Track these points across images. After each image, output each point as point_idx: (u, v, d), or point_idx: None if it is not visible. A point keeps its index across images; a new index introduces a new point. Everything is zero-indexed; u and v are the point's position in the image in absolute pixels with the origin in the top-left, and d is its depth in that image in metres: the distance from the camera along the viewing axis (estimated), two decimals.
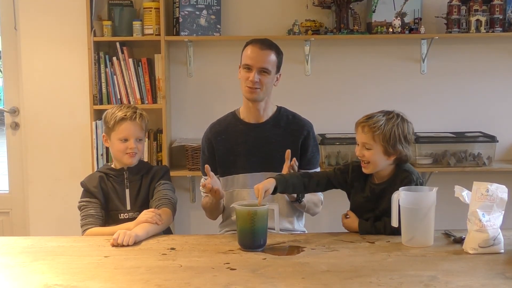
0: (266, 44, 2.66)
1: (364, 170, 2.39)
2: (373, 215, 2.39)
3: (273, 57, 2.65)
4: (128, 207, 2.61)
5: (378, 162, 2.35)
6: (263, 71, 2.62)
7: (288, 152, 2.52)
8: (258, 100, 2.67)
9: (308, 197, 2.64)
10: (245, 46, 2.69)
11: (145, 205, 2.61)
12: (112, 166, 2.69)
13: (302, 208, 2.67)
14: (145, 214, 2.43)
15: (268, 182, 2.33)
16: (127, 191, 2.63)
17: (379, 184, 2.39)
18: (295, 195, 2.57)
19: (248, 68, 2.62)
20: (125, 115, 2.61)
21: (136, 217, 2.53)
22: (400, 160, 2.36)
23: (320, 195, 2.73)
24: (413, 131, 2.40)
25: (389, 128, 2.31)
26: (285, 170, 2.50)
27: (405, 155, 2.35)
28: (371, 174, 2.41)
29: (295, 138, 2.71)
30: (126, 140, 2.60)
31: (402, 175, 2.35)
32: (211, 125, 2.80)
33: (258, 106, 2.69)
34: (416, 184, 2.33)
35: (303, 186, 2.44)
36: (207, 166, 2.51)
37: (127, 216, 2.59)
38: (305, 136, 2.72)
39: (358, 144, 2.38)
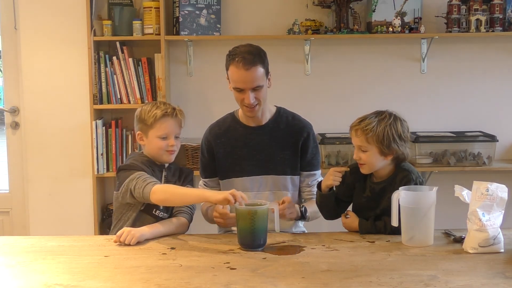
0: (249, 61, 2.51)
1: (362, 171, 2.39)
2: (373, 214, 2.39)
3: (260, 70, 2.54)
4: (161, 206, 2.53)
5: (375, 163, 2.35)
6: (256, 88, 2.56)
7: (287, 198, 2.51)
8: (259, 115, 2.66)
9: (311, 209, 2.62)
10: (228, 61, 2.57)
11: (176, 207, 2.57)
12: (147, 159, 2.57)
13: (306, 221, 2.66)
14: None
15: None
16: None
17: (379, 183, 2.39)
18: (299, 214, 2.57)
19: (240, 90, 2.57)
20: (166, 112, 2.53)
21: (166, 217, 2.51)
22: (398, 159, 2.37)
23: None
24: (408, 129, 2.39)
25: (381, 129, 2.31)
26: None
27: (402, 153, 2.35)
28: (371, 174, 2.41)
29: (295, 140, 2.70)
30: (165, 137, 2.53)
31: (402, 174, 2.35)
32: (210, 127, 2.78)
33: (256, 115, 2.66)
34: (416, 183, 2.33)
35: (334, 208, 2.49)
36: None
37: (161, 215, 2.53)
38: (305, 137, 2.71)
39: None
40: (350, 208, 2.51)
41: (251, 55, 2.53)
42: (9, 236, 2.96)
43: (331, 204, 2.46)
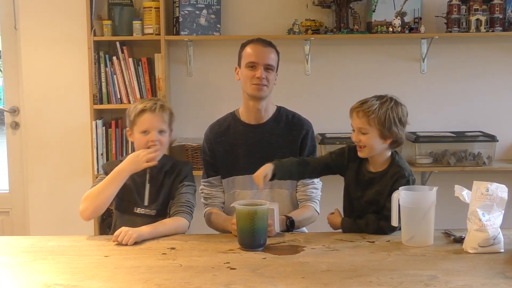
0: (267, 42, 2.69)
1: (360, 154, 2.40)
2: (358, 204, 2.41)
3: (275, 54, 2.69)
4: (146, 203, 2.55)
5: (374, 145, 2.36)
6: (268, 68, 2.64)
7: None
8: (264, 97, 2.66)
9: (300, 217, 2.61)
10: (244, 46, 2.70)
11: (165, 203, 2.55)
12: None
13: (296, 228, 2.62)
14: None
15: (266, 167, 2.39)
16: (148, 186, 2.55)
17: (371, 172, 2.41)
18: (284, 227, 2.53)
19: (253, 66, 2.63)
20: (145, 107, 2.54)
21: (152, 214, 2.52)
22: (396, 143, 2.38)
23: (314, 206, 2.72)
24: (407, 114, 2.41)
25: (383, 112, 2.33)
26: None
27: (400, 137, 2.37)
28: (367, 159, 2.42)
29: (295, 138, 2.71)
30: (147, 132, 2.53)
31: (394, 170, 2.37)
32: (211, 126, 2.79)
33: (259, 106, 2.69)
34: (408, 181, 2.33)
35: (298, 173, 2.49)
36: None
37: (143, 212, 2.54)
38: (304, 135, 2.72)
39: (353, 130, 2.40)
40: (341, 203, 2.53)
41: (268, 41, 2.72)
42: (9, 236, 2.95)
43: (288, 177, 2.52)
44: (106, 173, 2.54)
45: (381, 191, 2.35)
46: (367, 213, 2.38)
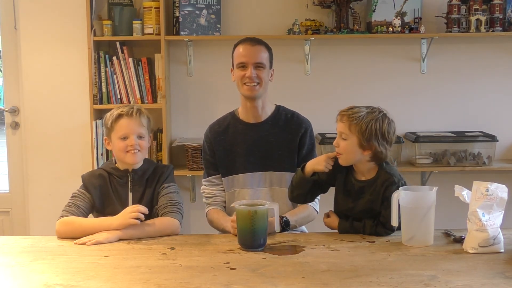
0: (255, 40, 2.72)
1: (339, 161, 2.37)
2: (351, 214, 2.38)
3: (265, 52, 2.69)
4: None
5: (351, 153, 2.32)
6: (258, 66, 2.65)
7: None
8: (258, 96, 2.67)
9: (295, 217, 2.60)
10: (235, 47, 2.73)
11: (148, 209, 2.46)
12: (116, 165, 2.57)
13: (293, 228, 2.62)
14: (129, 214, 2.33)
15: None
16: (130, 194, 2.52)
17: (360, 181, 2.38)
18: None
19: (243, 66, 2.65)
20: (122, 112, 2.51)
21: None
22: (377, 157, 2.33)
23: (313, 205, 2.71)
24: (394, 131, 2.36)
25: (366, 121, 2.29)
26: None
27: (380, 152, 2.31)
28: (353, 169, 2.40)
29: (293, 137, 2.72)
30: (125, 138, 2.49)
31: (383, 177, 2.33)
32: (211, 125, 2.81)
33: (256, 104, 2.70)
34: (398, 186, 2.29)
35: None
36: None
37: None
38: (303, 133, 2.73)
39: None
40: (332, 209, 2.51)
41: (258, 38, 2.75)
42: (9, 236, 2.96)
43: (307, 188, 2.44)
44: (85, 185, 2.54)
45: (374, 199, 2.33)
46: (363, 218, 2.37)
